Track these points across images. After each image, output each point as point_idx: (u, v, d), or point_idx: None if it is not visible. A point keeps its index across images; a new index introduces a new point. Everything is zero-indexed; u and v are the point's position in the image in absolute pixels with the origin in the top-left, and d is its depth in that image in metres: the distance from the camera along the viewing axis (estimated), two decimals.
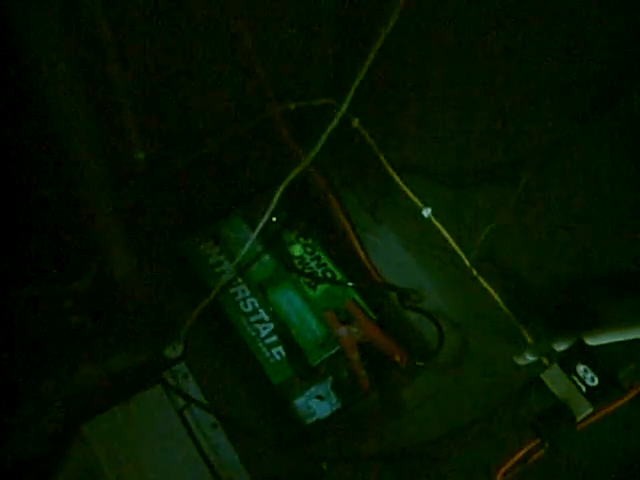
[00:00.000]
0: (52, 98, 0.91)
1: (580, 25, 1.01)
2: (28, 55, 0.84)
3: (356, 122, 1.55)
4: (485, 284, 1.47)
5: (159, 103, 1.37)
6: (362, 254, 1.65)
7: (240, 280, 1.57)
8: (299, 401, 1.42)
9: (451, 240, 1.50)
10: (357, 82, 1.11)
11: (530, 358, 1.40)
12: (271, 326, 1.51)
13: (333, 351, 1.49)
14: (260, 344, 1.48)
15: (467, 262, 1.49)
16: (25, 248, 1.18)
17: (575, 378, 1.12)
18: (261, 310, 1.53)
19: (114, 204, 1.17)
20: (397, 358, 1.46)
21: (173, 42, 1.27)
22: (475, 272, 1.48)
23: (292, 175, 1.29)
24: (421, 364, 1.49)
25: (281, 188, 1.31)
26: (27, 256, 1.20)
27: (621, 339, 1.14)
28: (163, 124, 1.42)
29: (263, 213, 1.35)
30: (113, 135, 1.28)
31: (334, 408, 1.42)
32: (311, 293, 1.56)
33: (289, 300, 1.55)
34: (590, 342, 1.16)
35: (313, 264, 1.61)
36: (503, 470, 1.13)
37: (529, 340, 1.43)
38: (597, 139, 1.07)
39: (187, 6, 1.22)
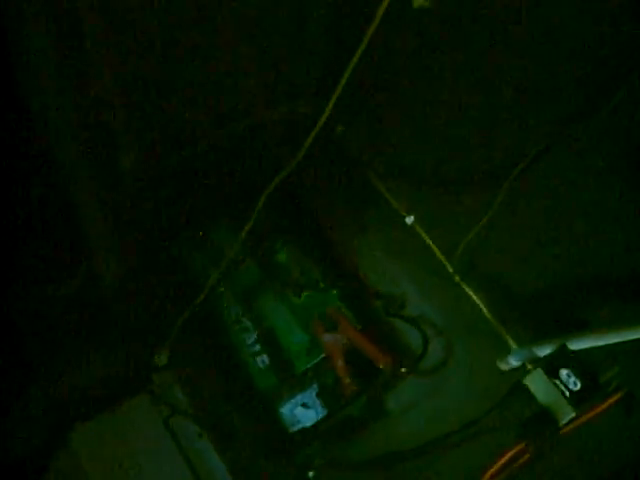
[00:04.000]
0: (40, 101, 0.91)
1: (566, 33, 1.02)
2: (18, 62, 0.84)
3: (340, 128, 1.56)
4: (468, 290, 1.48)
5: (148, 108, 1.37)
6: (346, 261, 1.65)
7: (225, 288, 1.56)
8: (284, 409, 1.42)
9: (434, 247, 1.51)
10: (339, 89, 1.12)
11: (514, 363, 1.41)
12: (256, 334, 1.51)
13: (318, 358, 1.49)
14: (245, 352, 1.48)
15: (450, 268, 1.50)
16: (13, 252, 1.17)
17: (558, 382, 1.13)
18: (245, 318, 1.53)
19: (102, 208, 1.17)
20: (382, 364, 1.46)
21: (163, 47, 1.27)
22: (458, 278, 1.49)
23: (276, 181, 1.29)
24: (406, 370, 1.49)
25: (265, 194, 1.31)
26: (16, 261, 1.19)
27: (603, 343, 1.15)
28: (151, 129, 1.42)
29: (248, 219, 1.35)
30: (103, 139, 1.27)
31: (320, 415, 1.42)
32: (296, 300, 1.56)
33: (274, 307, 1.55)
34: (573, 347, 1.17)
35: (297, 271, 1.61)
36: (488, 475, 1.13)
37: (513, 345, 1.44)
38: (580, 146, 1.09)
39: (178, 11, 1.22)
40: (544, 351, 1.30)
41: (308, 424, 1.41)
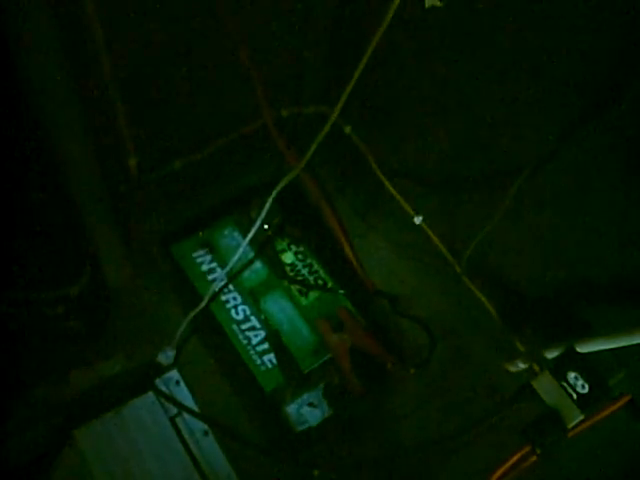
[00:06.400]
0: (45, 103, 0.91)
1: (571, 35, 1.01)
2: (22, 62, 0.84)
3: (348, 129, 1.55)
4: (476, 291, 1.47)
5: (152, 111, 1.37)
6: (354, 261, 1.65)
7: (232, 287, 1.56)
8: (290, 408, 1.42)
9: (442, 247, 1.50)
10: (349, 89, 1.11)
11: (521, 365, 1.40)
12: (262, 333, 1.50)
13: (325, 358, 1.49)
14: (252, 351, 1.48)
15: (459, 269, 1.50)
16: (18, 253, 1.17)
17: (566, 385, 1.12)
18: (253, 317, 1.52)
19: (107, 210, 1.17)
20: (389, 365, 1.46)
21: (168, 49, 1.27)
22: (466, 279, 1.49)
23: (284, 182, 1.28)
24: (413, 371, 1.49)
25: (273, 195, 1.31)
26: (20, 261, 1.19)
27: (612, 346, 1.15)
28: (156, 131, 1.42)
29: (255, 220, 1.35)
30: (106, 141, 1.28)
31: (325, 415, 1.42)
32: (303, 300, 1.56)
33: (281, 307, 1.55)
34: (581, 349, 1.16)
35: (305, 271, 1.60)
36: (494, 477, 1.12)
37: (520, 347, 1.43)
38: (587, 146, 1.08)
39: (182, 13, 1.22)
40: (552, 353, 1.30)
41: (314, 423, 1.41)
